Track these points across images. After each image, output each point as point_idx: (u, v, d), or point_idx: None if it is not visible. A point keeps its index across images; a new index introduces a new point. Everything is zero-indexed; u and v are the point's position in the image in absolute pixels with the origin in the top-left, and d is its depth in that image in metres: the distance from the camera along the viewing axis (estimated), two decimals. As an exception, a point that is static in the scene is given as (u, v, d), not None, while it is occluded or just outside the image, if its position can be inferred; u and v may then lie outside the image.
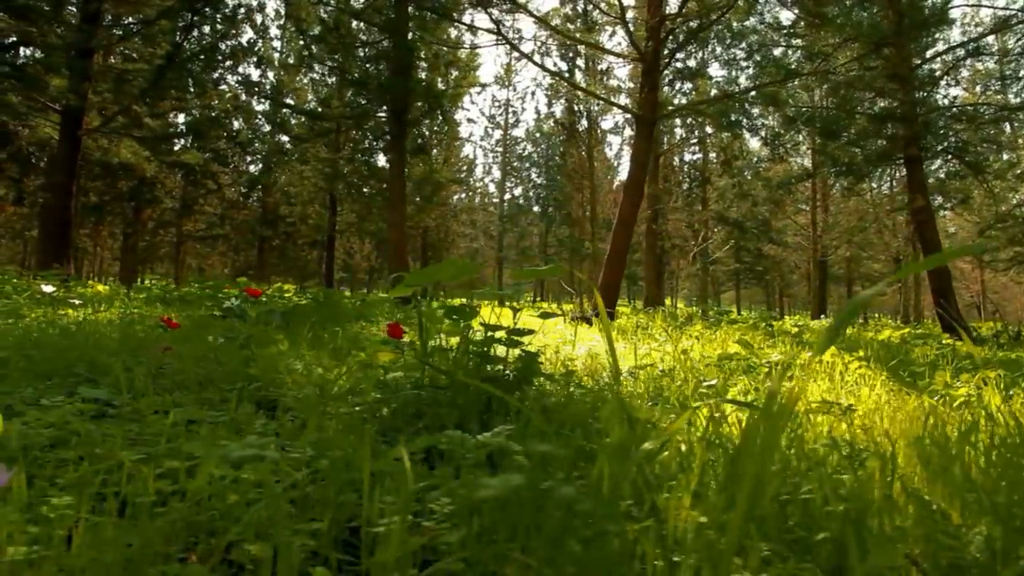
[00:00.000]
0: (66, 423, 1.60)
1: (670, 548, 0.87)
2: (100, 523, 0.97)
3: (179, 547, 0.97)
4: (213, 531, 1.02)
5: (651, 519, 0.97)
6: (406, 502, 0.74)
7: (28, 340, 3.01)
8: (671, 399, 2.32)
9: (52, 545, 0.91)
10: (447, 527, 0.99)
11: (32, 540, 0.92)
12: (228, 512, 1.12)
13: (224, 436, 1.67)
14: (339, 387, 2.23)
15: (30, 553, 0.86)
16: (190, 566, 0.88)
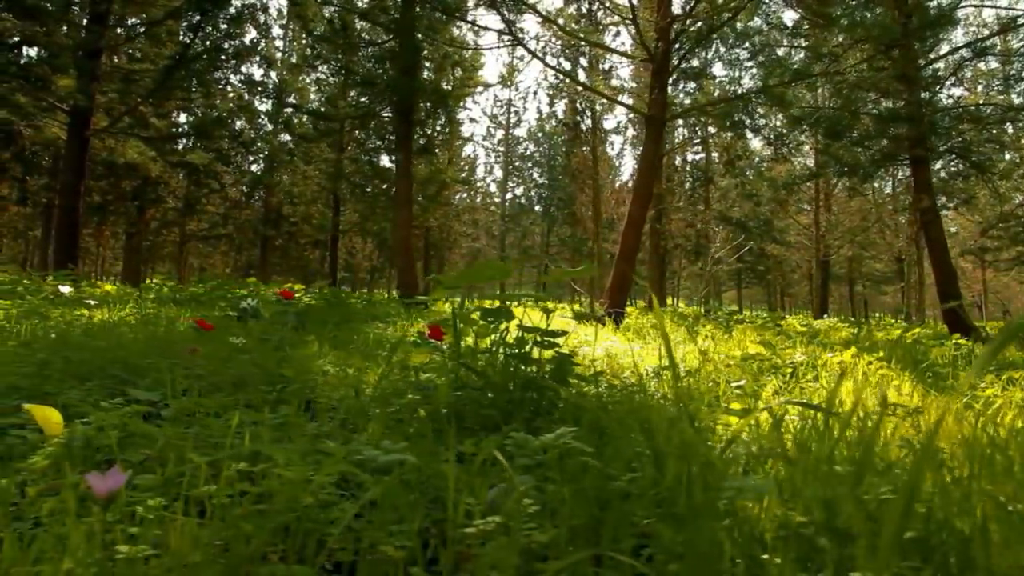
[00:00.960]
0: (124, 424, 1.62)
1: (757, 547, 0.89)
2: (192, 523, 0.99)
3: (275, 548, 1.00)
4: (306, 532, 1.05)
5: (729, 519, 1.00)
6: (518, 499, 0.77)
7: (59, 341, 3.03)
8: (705, 399, 2.35)
9: (155, 546, 0.93)
10: (534, 526, 1.01)
11: (134, 540, 0.95)
12: (307, 514, 1.14)
13: (279, 437, 1.70)
14: (379, 389, 2.25)
15: (138, 552, 0.88)
16: (296, 567, 0.90)
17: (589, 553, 0.80)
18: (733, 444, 1.25)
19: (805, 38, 10.90)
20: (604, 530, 0.96)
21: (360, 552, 0.97)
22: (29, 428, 1.76)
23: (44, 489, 1.39)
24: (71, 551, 0.88)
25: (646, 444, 1.39)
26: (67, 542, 0.89)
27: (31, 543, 0.94)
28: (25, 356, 2.59)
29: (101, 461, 1.50)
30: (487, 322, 2.35)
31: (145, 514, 1.00)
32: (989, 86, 19.66)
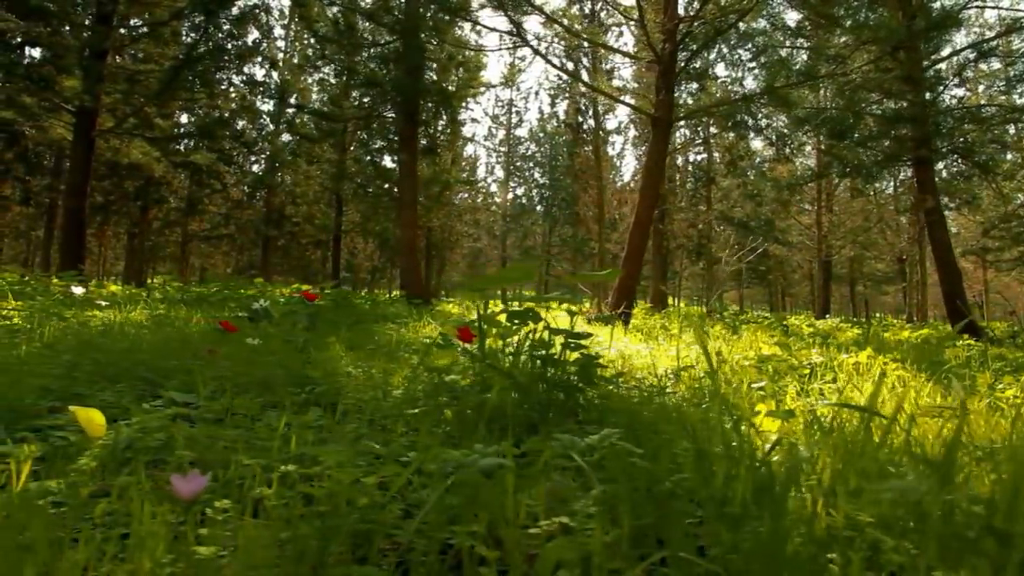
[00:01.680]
0: (166, 426, 1.64)
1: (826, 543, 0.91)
2: (259, 525, 1.01)
3: (338, 549, 1.01)
4: (369, 533, 1.07)
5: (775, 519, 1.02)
6: (596, 500, 0.78)
7: (81, 342, 3.05)
8: (730, 401, 2.37)
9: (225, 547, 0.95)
10: (594, 526, 1.03)
11: (205, 541, 0.97)
12: (365, 515, 1.16)
13: (321, 438, 1.71)
14: (409, 391, 2.27)
15: (216, 552, 0.90)
16: (366, 567, 0.92)
17: (662, 555, 0.82)
18: (779, 445, 1.27)
19: (808, 39, 10.92)
20: (667, 531, 0.98)
21: (426, 552, 0.99)
22: (68, 429, 1.78)
23: (95, 490, 1.41)
24: (148, 551, 0.89)
25: (690, 445, 1.40)
26: (144, 542, 0.91)
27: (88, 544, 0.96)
28: (51, 358, 2.61)
29: (148, 463, 1.52)
30: (513, 324, 2.36)
31: (214, 515, 1.02)
32: (991, 87, 19.70)
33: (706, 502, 1.18)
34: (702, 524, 1.10)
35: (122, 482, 1.37)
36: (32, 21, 10.41)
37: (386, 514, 1.21)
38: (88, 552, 0.92)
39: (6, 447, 1.52)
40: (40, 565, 0.94)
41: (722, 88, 13.94)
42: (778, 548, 0.86)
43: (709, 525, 1.05)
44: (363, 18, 12.32)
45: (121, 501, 1.30)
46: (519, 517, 1.05)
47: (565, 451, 1.44)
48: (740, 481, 1.21)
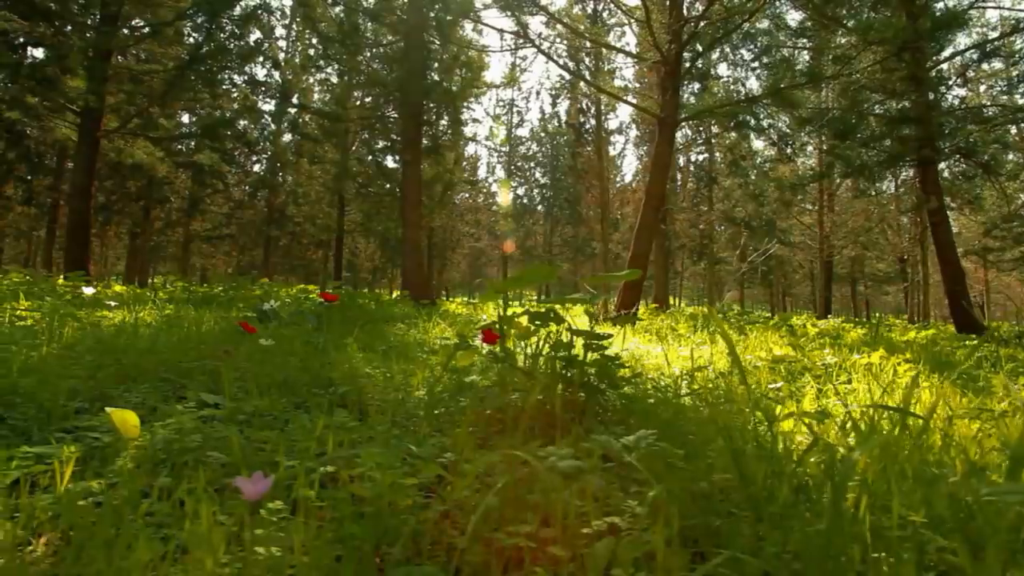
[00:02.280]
0: (197, 429, 1.65)
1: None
2: (309, 526, 1.02)
3: (392, 548, 1.03)
4: (417, 533, 1.08)
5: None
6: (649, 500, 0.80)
7: (99, 343, 3.06)
8: (750, 402, 2.38)
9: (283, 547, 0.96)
10: (646, 526, 1.04)
11: (262, 541, 0.98)
12: (406, 516, 1.17)
13: (355, 440, 1.73)
14: (433, 392, 2.28)
15: (276, 553, 0.91)
16: (424, 566, 0.93)
17: (725, 556, 0.83)
18: (815, 446, 1.28)
19: (810, 39, 10.94)
20: (717, 530, 0.99)
21: (482, 552, 1.00)
22: (99, 430, 1.80)
23: (136, 490, 1.42)
24: (211, 551, 0.91)
25: (725, 445, 1.42)
26: (206, 542, 0.92)
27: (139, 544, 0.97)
28: (73, 359, 2.62)
29: (184, 463, 1.53)
30: (534, 325, 2.38)
31: (268, 516, 1.03)
32: (991, 87, 19.73)
33: (747, 502, 1.19)
34: (746, 523, 1.11)
35: (162, 483, 1.39)
36: (36, 21, 10.42)
37: (429, 514, 1.23)
38: (150, 552, 0.93)
39: (47, 448, 1.54)
40: (104, 563, 0.96)
41: (724, 88, 13.96)
42: (830, 548, 0.87)
43: (755, 525, 1.07)
44: (367, 18, 12.33)
45: (164, 502, 1.32)
46: (568, 517, 1.06)
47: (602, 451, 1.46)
48: (781, 481, 1.23)
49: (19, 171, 17.48)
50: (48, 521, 1.22)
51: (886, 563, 0.91)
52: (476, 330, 5.20)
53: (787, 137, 16.88)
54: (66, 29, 10.81)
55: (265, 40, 21.77)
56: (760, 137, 17.07)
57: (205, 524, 0.95)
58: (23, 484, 1.28)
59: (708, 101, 9.75)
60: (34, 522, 1.26)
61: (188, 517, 1.07)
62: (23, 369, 2.32)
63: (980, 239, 21.13)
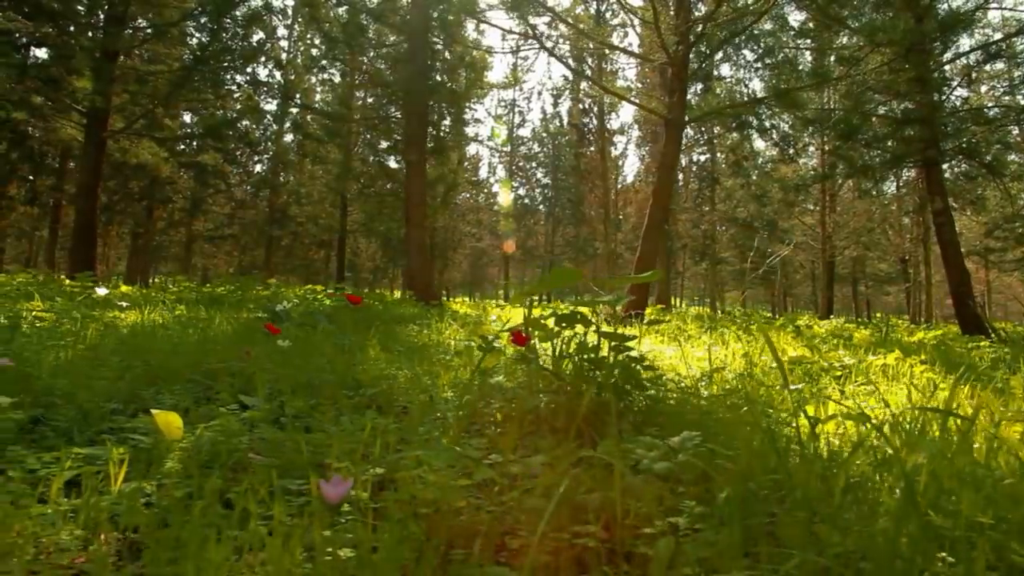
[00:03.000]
0: (241, 431, 1.67)
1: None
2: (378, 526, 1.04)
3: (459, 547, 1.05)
4: (482, 533, 1.10)
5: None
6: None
7: (121, 345, 3.07)
8: (775, 403, 2.41)
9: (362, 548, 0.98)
10: (707, 528, 1.06)
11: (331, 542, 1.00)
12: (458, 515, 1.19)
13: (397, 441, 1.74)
14: (461, 394, 2.30)
15: (358, 554, 0.93)
16: (497, 567, 0.95)
17: (804, 558, 0.85)
18: (860, 447, 1.30)
19: (813, 40, 10.97)
20: (779, 531, 1.01)
21: (550, 552, 1.02)
22: (139, 432, 1.81)
23: (189, 492, 1.44)
24: (290, 551, 0.93)
25: (770, 447, 1.44)
26: (285, 542, 0.94)
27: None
28: (100, 361, 2.64)
29: (233, 464, 1.55)
30: (561, 327, 2.40)
31: (338, 518, 1.05)
32: (992, 87, 19.76)
33: (799, 502, 1.21)
34: (801, 523, 1.13)
35: (213, 484, 1.41)
36: (40, 21, 10.42)
37: (481, 515, 1.25)
38: (225, 551, 0.95)
39: (96, 449, 1.56)
40: (178, 564, 0.97)
41: (726, 89, 13.99)
42: (896, 547, 0.89)
43: (809, 525, 1.08)
44: (371, 19, 12.35)
45: (216, 503, 1.34)
46: (628, 517, 1.08)
47: (647, 453, 1.48)
48: (829, 481, 1.25)
49: (22, 171, 17.49)
50: (107, 521, 1.24)
51: (953, 563, 0.93)
52: (496, 332, 5.21)
53: (789, 138, 16.92)
54: (71, 29, 10.82)
55: (267, 41, 21.83)
56: (762, 138, 17.10)
57: (277, 524, 0.97)
58: (87, 485, 1.29)
59: (711, 102, 9.78)
60: (92, 522, 1.28)
61: (253, 517, 1.09)
62: (54, 371, 2.34)
63: (982, 240, 21.17)
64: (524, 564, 0.92)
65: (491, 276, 43.36)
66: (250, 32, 13.51)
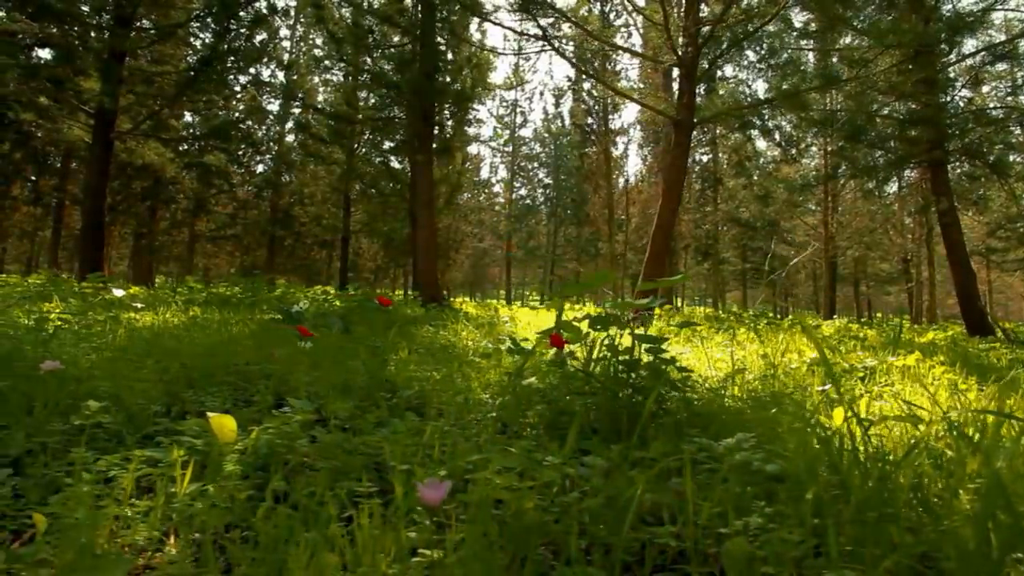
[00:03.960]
0: (294, 434, 1.69)
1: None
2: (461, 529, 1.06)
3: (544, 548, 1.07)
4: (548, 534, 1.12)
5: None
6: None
7: (151, 346, 3.09)
8: (807, 405, 2.43)
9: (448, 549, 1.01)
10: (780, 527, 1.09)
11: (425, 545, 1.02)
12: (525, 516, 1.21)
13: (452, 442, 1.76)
14: (500, 396, 2.33)
15: (439, 556, 0.96)
16: (590, 568, 0.98)
17: (895, 559, 0.87)
18: (916, 449, 1.33)
19: (818, 40, 11.00)
20: (847, 531, 1.04)
21: (593, 549, 1.04)
22: (189, 434, 1.83)
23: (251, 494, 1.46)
24: (386, 554, 0.95)
25: (822, 449, 1.46)
26: (375, 544, 0.96)
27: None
28: (133, 363, 2.66)
29: (295, 467, 1.57)
30: (595, 329, 2.42)
31: (420, 519, 1.07)
32: (995, 88, 19.81)
33: (864, 503, 1.23)
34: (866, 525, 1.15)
35: (276, 486, 1.43)
36: (46, 22, 10.44)
37: (547, 515, 1.27)
38: (329, 558, 0.97)
39: (156, 451, 1.58)
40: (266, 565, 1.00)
41: (730, 90, 14.03)
42: (983, 549, 0.91)
43: (877, 525, 1.11)
44: (378, 20, 12.37)
45: (283, 504, 1.36)
46: (702, 517, 1.11)
47: (702, 454, 1.51)
48: (885, 483, 1.27)
49: (25, 171, 17.50)
50: (183, 522, 1.26)
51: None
52: (511, 333, 5.23)
53: (792, 138, 16.96)
54: (77, 30, 10.84)
55: (270, 41, 21.83)
56: (766, 139, 17.15)
57: (366, 527, 0.99)
58: (159, 487, 1.31)
59: (716, 103, 9.81)
60: (166, 523, 1.30)
61: (333, 520, 1.11)
62: (91, 372, 2.36)
63: (984, 240, 21.24)
64: (610, 563, 0.94)
65: (492, 276, 43.40)
66: (254, 33, 13.53)
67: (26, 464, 1.68)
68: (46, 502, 1.37)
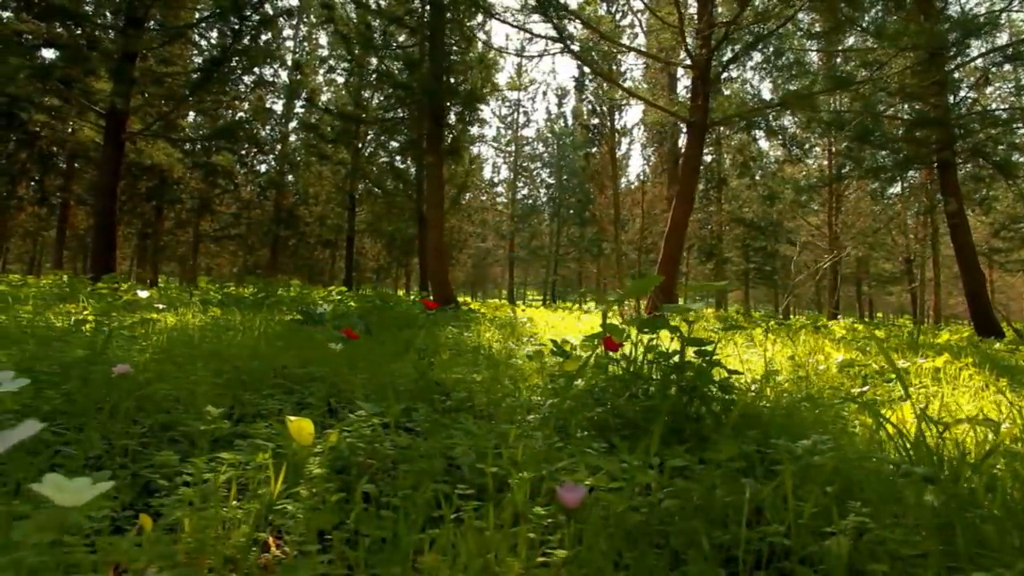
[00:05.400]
0: (373, 436, 1.73)
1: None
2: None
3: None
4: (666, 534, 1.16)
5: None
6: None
7: (193, 349, 3.12)
8: (850, 407, 2.47)
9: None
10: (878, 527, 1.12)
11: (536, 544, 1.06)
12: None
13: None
14: (556, 398, 2.36)
15: (565, 557, 0.99)
16: (715, 567, 1.01)
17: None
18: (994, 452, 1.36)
19: (824, 42, 11.05)
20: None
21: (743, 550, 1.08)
22: (261, 437, 1.86)
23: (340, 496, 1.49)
24: (519, 556, 0.98)
25: (890, 452, 1.50)
26: (508, 543, 1.00)
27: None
28: (177, 365, 2.68)
29: (377, 469, 1.61)
30: (645, 332, 2.46)
31: (537, 520, 1.11)
32: (999, 88, 19.89)
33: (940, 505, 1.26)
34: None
35: (366, 488, 1.46)
36: (55, 21, 10.44)
37: (638, 516, 1.30)
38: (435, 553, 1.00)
39: (241, 454, 1.61)
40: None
41: (735, 91, 14.07)
42: None
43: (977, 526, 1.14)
44: (386, 21, 12.40)
45: (371, 506, 1.39)
46: (803, 518, 1.14)
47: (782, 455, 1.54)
48: (975, 484, 1.31)
49: (32, 172, 17.51)
50: (290, 524, 1.29)
51: None
52: (533, 334, 5.25)
53: (797, 139, 17.01)
54: (86, 30, 10.85)
55: (273, 41, 21.84)
56: (772, 139, 17.20)
57: (507, 525, 1.02)
58: (255, 489, 1.34)
59: (724, 104, 9.86)
60: (266, 523, 1.34)
61: (447, 521, 1.14)
62: (147, 376, 2.38)
63: (987, 240, 21.32)
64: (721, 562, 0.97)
65: (493, 276, 43.44)
66: (260, 32, 13.54)
67: (105, 465, 1.71)
68: (143, 503, 1.41)
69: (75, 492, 0.70)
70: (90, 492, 0.71)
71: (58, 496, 0.69)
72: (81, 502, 0.71)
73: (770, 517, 1.17)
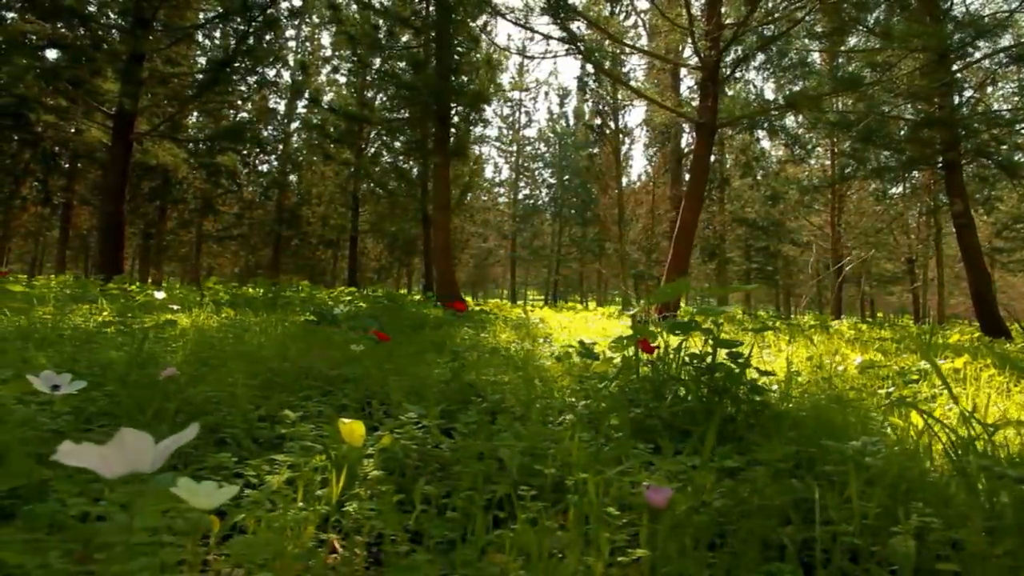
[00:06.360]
0: (424, 438, 1.75)
1: None
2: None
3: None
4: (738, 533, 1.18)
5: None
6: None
7: (218, 351, 3.14)
8: (873, 407, 2.49)
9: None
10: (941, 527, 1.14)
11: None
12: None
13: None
14: (591, 400, 2.38)
15: (641, 554, 1.01)
16: (785, 564, 1.03)
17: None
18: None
19: (828, 42, 11.07)
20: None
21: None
22: (307, 439, 1.88)
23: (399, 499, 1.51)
24: (601, 554, 1.00)
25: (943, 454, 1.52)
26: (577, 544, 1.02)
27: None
28: (210, 367, 2.70)
29: (432, 471, 1.63)
30: (676, 334, 2.48)
31: (613, 521, 1.13)
32: (1002, 88, 19.93)
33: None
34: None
35: (424, 490, 1.48)
36: (59, 21, 10.45)
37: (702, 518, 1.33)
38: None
39: (295, 457, 1.63)
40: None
41: (738, 91, 14.08)
42: None
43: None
44: (392, 22, 12.41)
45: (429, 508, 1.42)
46: (868, 518, 1.16)
47: (825, 456, 1.57)
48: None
49: (35, 172, 17.51)
50: (353, 526, 1.31)
51: None
52: (562, 336, 5.26)
53: (800, 139, 17.03)
54: (92, 30, 10.86)
55: (276, 41, 21.84)
56: (774, 139, 17.23)
57: (578, 527, 1.05)
58: (316, 491, 1.36)
59: (731, 105, 9.88)
60: (330, 525, 1.36)
61: (519, 520, 1.17)
62: (183, 379, 2.40)
63: (990, 240, 21.38)
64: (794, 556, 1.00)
65: (494, 276, 43.47)
66: (265, 33, 13.56)
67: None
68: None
69: (208, 495, 0.72)
70: (221, 496, 0.73)
71: (194, 499, 0.71)
72: (215, 504, 0.73)
73: (835, 517, 1.19)
